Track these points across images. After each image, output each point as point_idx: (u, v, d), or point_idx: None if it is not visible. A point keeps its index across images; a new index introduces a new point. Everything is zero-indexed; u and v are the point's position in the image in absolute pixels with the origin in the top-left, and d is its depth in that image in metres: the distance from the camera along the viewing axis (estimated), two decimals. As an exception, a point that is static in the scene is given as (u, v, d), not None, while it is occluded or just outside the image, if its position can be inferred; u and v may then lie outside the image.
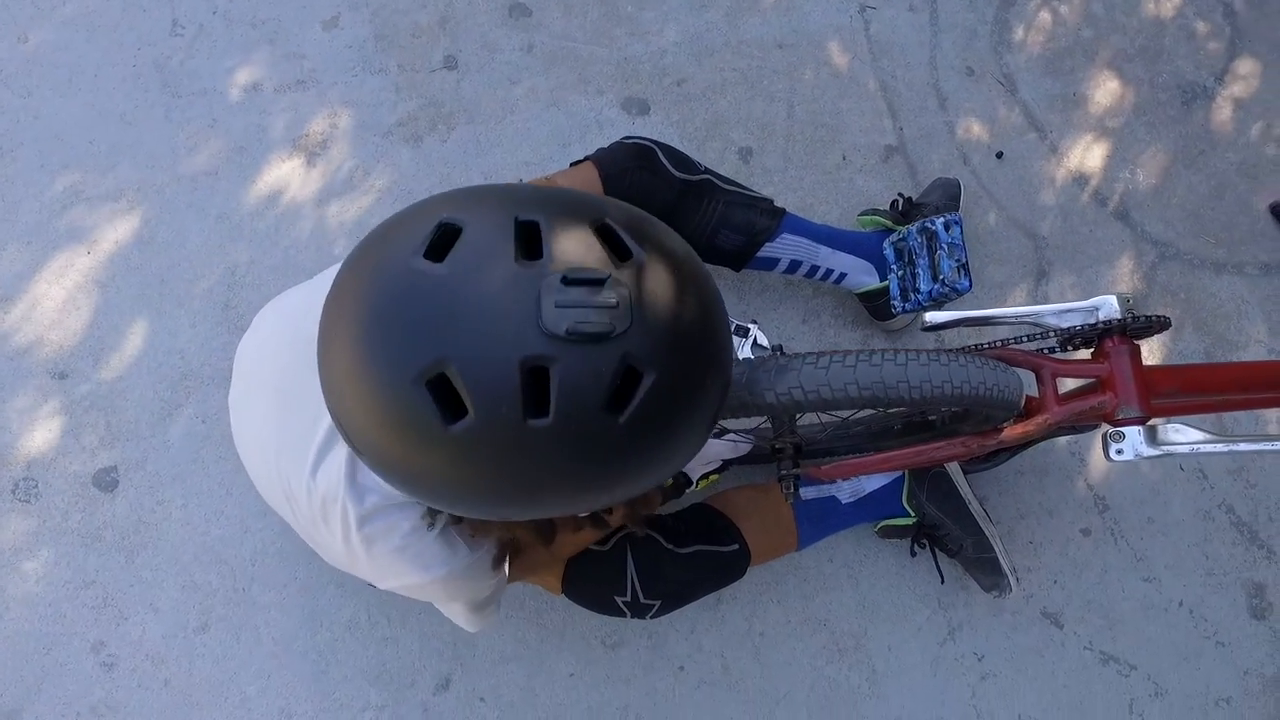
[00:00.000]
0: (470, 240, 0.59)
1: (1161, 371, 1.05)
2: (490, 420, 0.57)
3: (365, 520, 0.79)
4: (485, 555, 0.88)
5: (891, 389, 0.86)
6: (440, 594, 0.89)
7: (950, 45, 1.72)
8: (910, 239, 1.12)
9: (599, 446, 0.61)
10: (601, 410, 0.58)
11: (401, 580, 0.85)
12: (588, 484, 0.64)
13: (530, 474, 0.61)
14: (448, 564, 0.83)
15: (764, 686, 1.39)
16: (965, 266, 1.07)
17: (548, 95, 1.66)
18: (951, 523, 1.33)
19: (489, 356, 0.56)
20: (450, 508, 0.67)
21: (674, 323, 0.62)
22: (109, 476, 1.44)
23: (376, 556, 0.82)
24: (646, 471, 0.66)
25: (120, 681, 1.36)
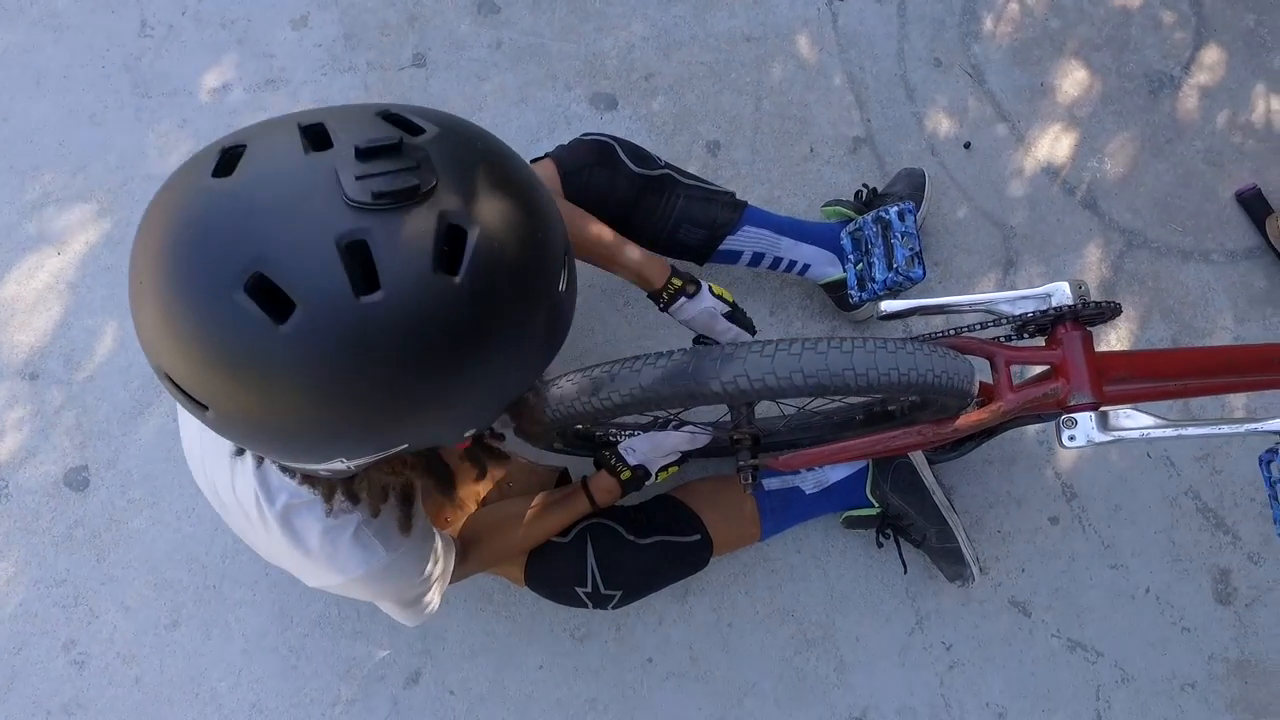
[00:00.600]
0: (256, 152, 0.59)
1: (1113, 357, 1.06)
2: (320, 307, 0.55)
3: (282, 521, 0.80)
4: (404, 555, 0.88)
5: (837, 376, 0.86)
6: (361, 593, 0.90)
7: (918, 37, 1.72)
8: (866, 228, 1.13)
9: (442, 312, 0.57)
10: (433, 273, 0.56)
11: (321, 580, 0.85)
12: (443, 368, 0.59)
13: (381, 366, 0.57)
14: (365, 565, 0.84)
15: (732, 677, 1.40)
16: (919, 255, 1.08)
17: (516, 91, 1.66)
18: (915, 513, 1.34)
19: (302, 242, 0.55)
20: (316, 442, 0.62)
21: (485, 177, 0.61)
22: (80, 476, 1.45)
23: (298, 557, 0.83)
24: (502, 352, 0.63)
25: (91, 680, 1.37)
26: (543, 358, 0.70)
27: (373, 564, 0.85)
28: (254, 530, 0.84)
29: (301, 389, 0.57)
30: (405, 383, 0.59)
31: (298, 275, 0.55)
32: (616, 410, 0.92)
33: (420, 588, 0.96)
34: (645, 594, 1.23)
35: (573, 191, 1.26)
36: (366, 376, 0.58)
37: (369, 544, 0.84)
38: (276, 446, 0.64)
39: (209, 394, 0.59)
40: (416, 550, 0.91)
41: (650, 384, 0.88)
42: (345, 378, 0.57)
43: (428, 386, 0.61)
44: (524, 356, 0.67)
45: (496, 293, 0.61)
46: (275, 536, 0.82)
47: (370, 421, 0.61)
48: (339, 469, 0.67)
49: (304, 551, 0.83)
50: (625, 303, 1.55)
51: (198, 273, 0.56)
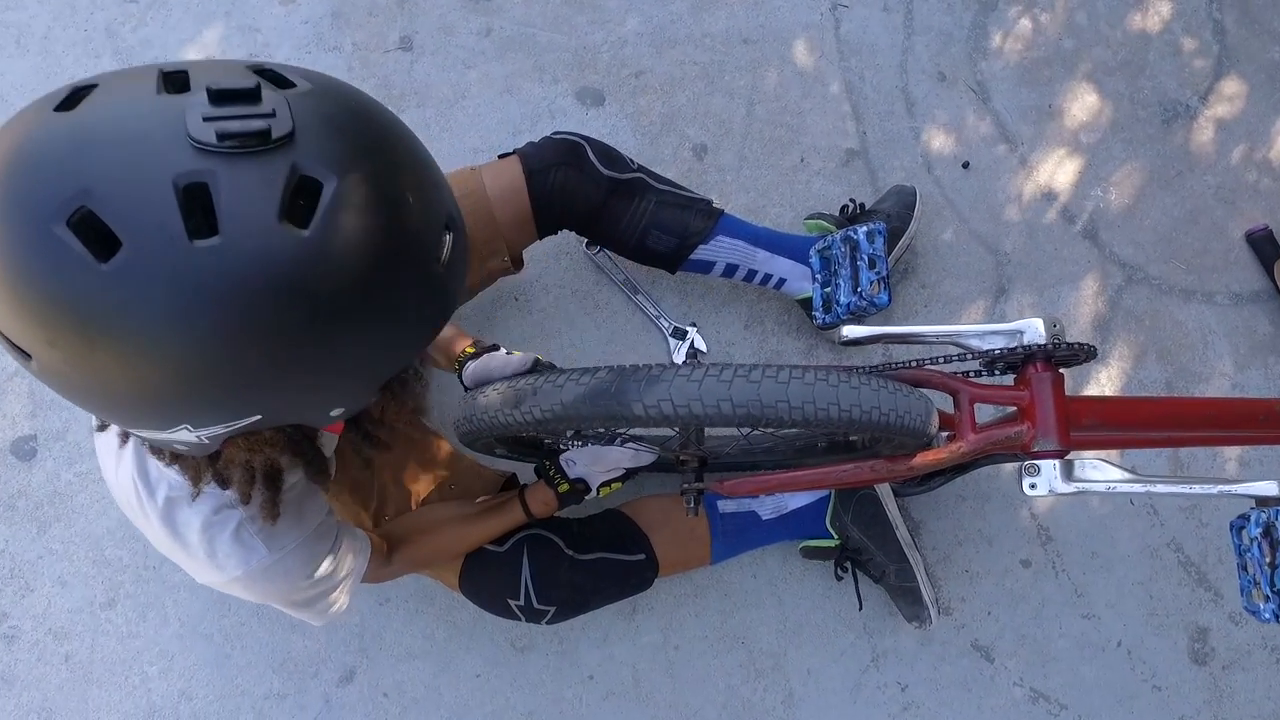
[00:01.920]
0: (106, 90, 0.55)
1: (1084, 402, 0.99)
2: (149, 246, 0.51)
3: (163, 515, 0.77)
4: (289, 556, 0.84)
5: (770, 409, 0.81)
6: (245, 594, 0.86)
7: (923, 49, 1.66)
8: (834, 247, 1.07)
9: (287, 267, 0.53)
10: (278, 222, 0.52)
11: (204, 577, 0.82)
12: (287, 330, 0.55)
13: (215, 317, 0.53)
14: (244, 564, 0.80)
15: (674, 701, 1.35)
16: (885, 280, 1.02)
17: (502, 82, 1.62)
18: (875, 548, 1.28)
19: (135, 179, 0.51)
20: (150, 402, 0.57)
21: (354, 136, 0.58)
22: (28, 445, 1.43)
23: (179, 550, 0.79)
24: (361, 323, 0.58)
25: (20, 655, 1.35)
26: (415, 336, 0.65)
27: (252, 564, 0.81)
28: (140, 520, 0.81)
29: (126, 337, 0.53)
30: (244, 341, 0.54)
31: (128, 212, 0.51)
32: (538, 426, 0.87)
33: (310, 590, 0.91)
34: (582, 611, 1.18)
35: (538, 191, 1.22)
36: (198, 329, 0.53)
37: (250, 543, 0.80)
38: (110, 406, 0.59)
39: (29, 340, 0.54)
40: (304, 551, 0.87)
41: (571, 401, 0.84)
42: (174, 328, 0.53)
43: (271, 350, 0.56)
44: (390, 332, 0.62)
45: (353, 254, 0.56)
46: (156, 529, 0.79)
47: (207, 384, 0.56)
48: (190, 441, 0.62)
49: (183, 546, 0.79)
50: (595, 306, 1.50)
51: (19, 203, 0.52)
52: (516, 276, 1.47)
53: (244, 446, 0.66)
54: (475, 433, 0.97)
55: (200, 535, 0.79)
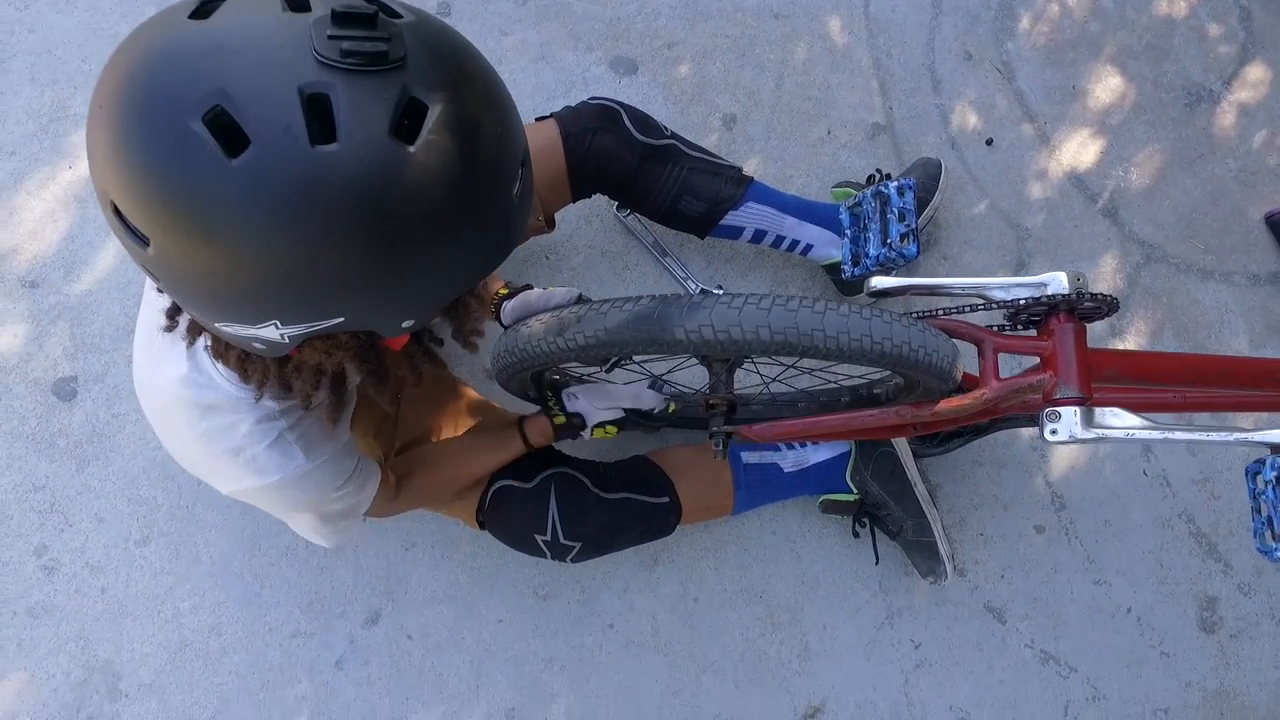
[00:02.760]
0: (235, 2, 0.59)
1: (1105, 354, 1.02)
2: (275, 147, 0.55)
3: (204, 414, 0.80)
4: (323, 466, 0.88)
5: (805, 336, 0.84)
6: (276, 501, 0.89)
7: (950, 28, 1.69)
8: (865, 203, 1.10)
9: (394, 177, 0.58)
10: (389, 136, 0.57)
11: (238, 484, 0.85)
12: (387, 236, 0.59)
13: (326, 217, 0.57)
14: (281, 470, 0.84)
15: (693, 652, 1.38)
16: (914, 232, 1.05)
17: (537, 49, 1.65)
18: (894, 503, 1.31)
19: (265, 84, 0.55)
20: (251, 295, 0.60)
21: (455, 67, 0.63)
22: (69, 386, 1.47)
23: (213, 456, 0.83)
24: (448, 238, 0.62)
25: (59, 586, 1.38)
26: (486, 259, 0.69)
27: (288, 470, 0.84)
28: (173, 426, 0.83)
29: (244, 229, 0.57)
30: (348, 242, 0.59)
31: (258, 114, 0.55)
32: (582, 352, 0.90)
33: (335, 504, 0.95)
34: (606, 551, 1.21)
35: (574, 154, 1.25)
36: (309, 227, 0.57)
37: (289, 450, 0.84)
38: (210, 298, 0.62)
39: (151, 226, 0.58)
40: (336, 464, 0.91)
41: (615, 326, 0.87)
42: (289, 223, 0.57)
43: (369, 253, 0.60)
44: (468, 250, 0.66)
45: (449, 173, 0.60)
46: (196, 432, 0.82)
47: (307, 280, 0.60)
48: (272, 339, 0.65)
49: (221, 450, 0.82)
50: (624, 267, 1.53)
51: (157, 98, 0.56)
52: (548, 236, 1.51)
53: (320, 349, 0.70)
54: (515, 365, 1.00)
55: (245, 439, 0.82)
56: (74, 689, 1.34)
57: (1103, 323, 1.54)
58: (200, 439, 0.83)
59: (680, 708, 1.35)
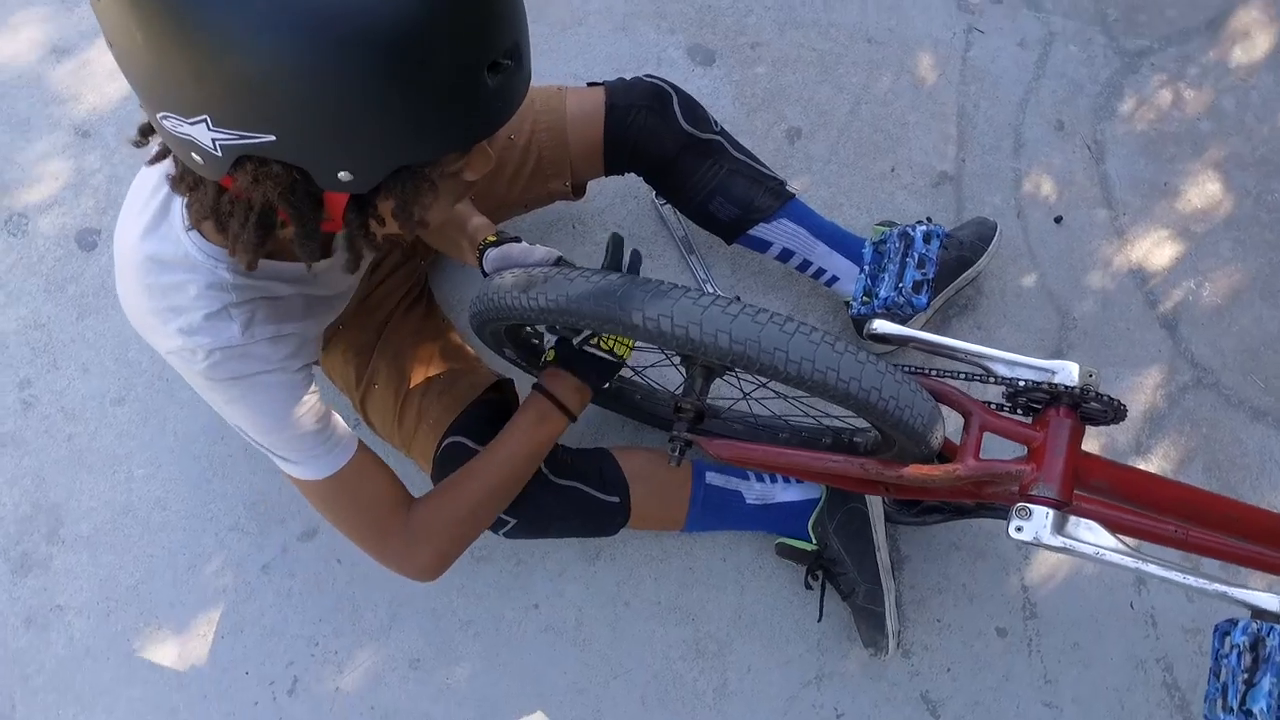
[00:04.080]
0: None
1: (1099, 462, 0.94)
2: None
3: (160, 269, 0.80)
4: (263, 357, 0.86)
5: (766, 354, 0.79)
6: (211, 384, 0.86)
7: (1049, 93, 1.59)
8: (890, 241, 1.04)
9: (374, 6, 0.58)
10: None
11: (170, 343, 0.82)
12: (347, 61, 0.59)
13: (289, 21, 0.57)
14: (213, 339, 0.82)
15: (609, 655, 1.33)
16: (929, 283, 0.98)
17: (621, 19, 1.62)
18: (851, 564, 1.24)
19: None
20: (185, 67, 0.60)
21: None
22: (91, 238, 1.50)
23: (156, 312, 0.82)
24: (405, 76, 0.61)
25: (31, 423, 1.42)
26: (440, 134, 0.66)
27: (220, 340, 0.81)
28: (129, 277, 0.83)
29: (206, 13, 0.57)
30: (298, 52, 0.58)
31: None
32: (542, 314, 0.87)
33: (276, 434, 0.89)
34: (541, 535, 1.17)
35: (614, 127, 1.21)
36: (269, 27, 0.57)
37: (227, 322, 0.82)
38: (151, 77, 0.62)
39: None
40: (284, 372, 0.88)
41: (576, 296, 0.83)
42: (248, 18, 0.57)
43: (318, 73, 0.59)
44: (420, 112, 0.63)
45: (429, 21, 0.60)
46: (145, 283, 0.81)
47: (241, 69, 0.59)
48: (205, 145, 0.64)
49: (163, 306, 0.81)
50: (647, 254, 1.49)
51: None
52: (578, 204, 1.48)
53: (251, 174, 0.67)
54: (484, 314, 0.97)
55: (190, 300, 0.81)
56: (18, 522, 1.37)
57: (1129, 437, 1.43)
58: (147, 290, 0.82)
59: (581, 707, 1.31)
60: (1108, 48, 1.62)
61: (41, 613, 1.33)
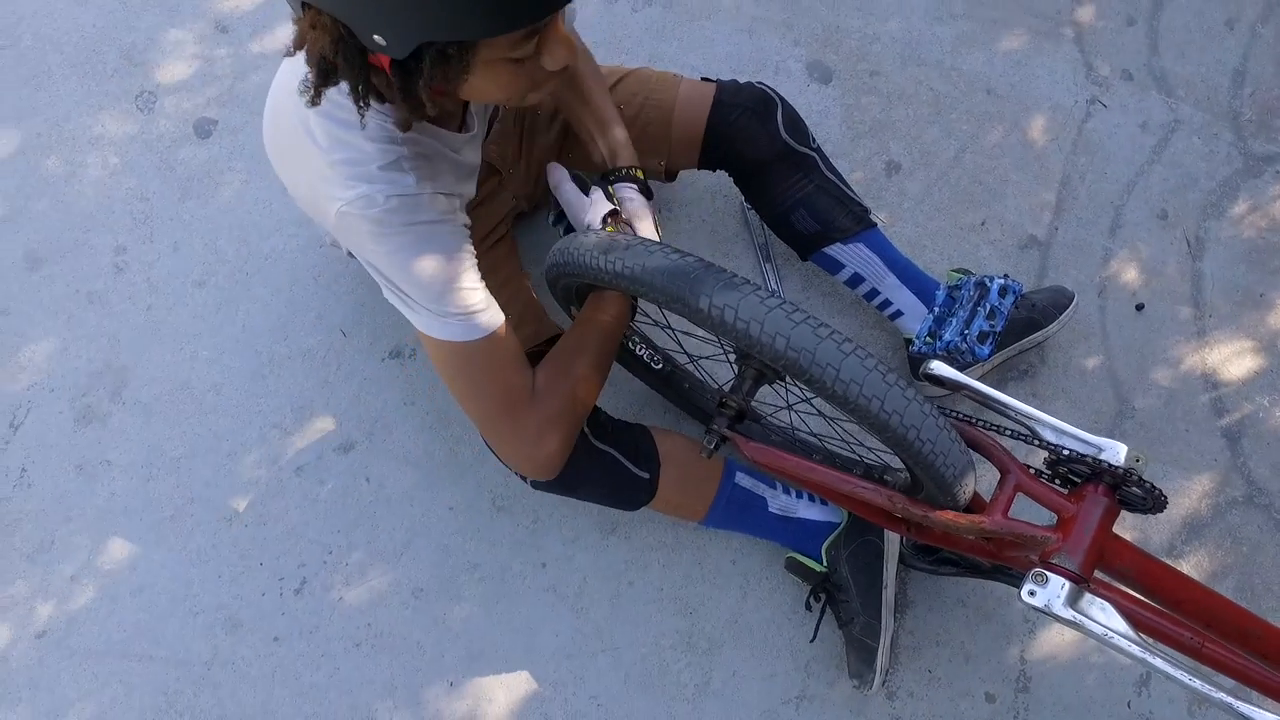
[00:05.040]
0: None
1: (1127, 547, 0.93)
2: None
3: (339, 126, 0.87)
4: (434, 205, 0.92)
5: (818, 366, 0.80)
6: (380, 224, 0.88)
7: (1159, 180, 1.56)
8: (965, 288, 1.04)
9: None
10: None
11: (348, 192, 0.87)
12: None
13: None
14: (391, 186, 0.87)
15: (603, 628, 1.36)
16: (995, 335, 0.98)
17: (749, 20, 1.64)
18: (856, 594, 1.24)
19: None
20: None
21: None
22: (208, 126, 1.58)
23: (334, 165, 0.87)
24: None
25: (119, 287, 1.50)
26: (474, 14, 0.69)
27: (398, 187, 0.87)
28: (302, 139, 0.88)
29: None
30: None
31: None
32: (614, 279, 0.90)
33: (440, 287, 0.92)
34: (568, 493, 1.19)
35: (717, 123, 1.25)
36: None
37: (402, 172, 0.88)
38: None
39: None
40: (448, 219, 0.93)
41: (651, 269, 0.86)
42: None
43: None
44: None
45: None
46: (325, 142, 0.87)
47: None
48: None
49: (340, 160, 0.86)
50: (723, 254, 1.51)
51: None
52: (668, 189, 1.50)
53: (309, 20, 0.73)
54: (561, 266, 1.00)
55: (365, 154, 0.87)
56: (90, 376, 1.45)
57: (1164, 537, 1.41)
58: (324, 145, 0.87)
59: (566, 671, 1.34)
60: (1233, 146, 1.59)
61: (92, 463, 1.41)
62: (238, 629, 1.35)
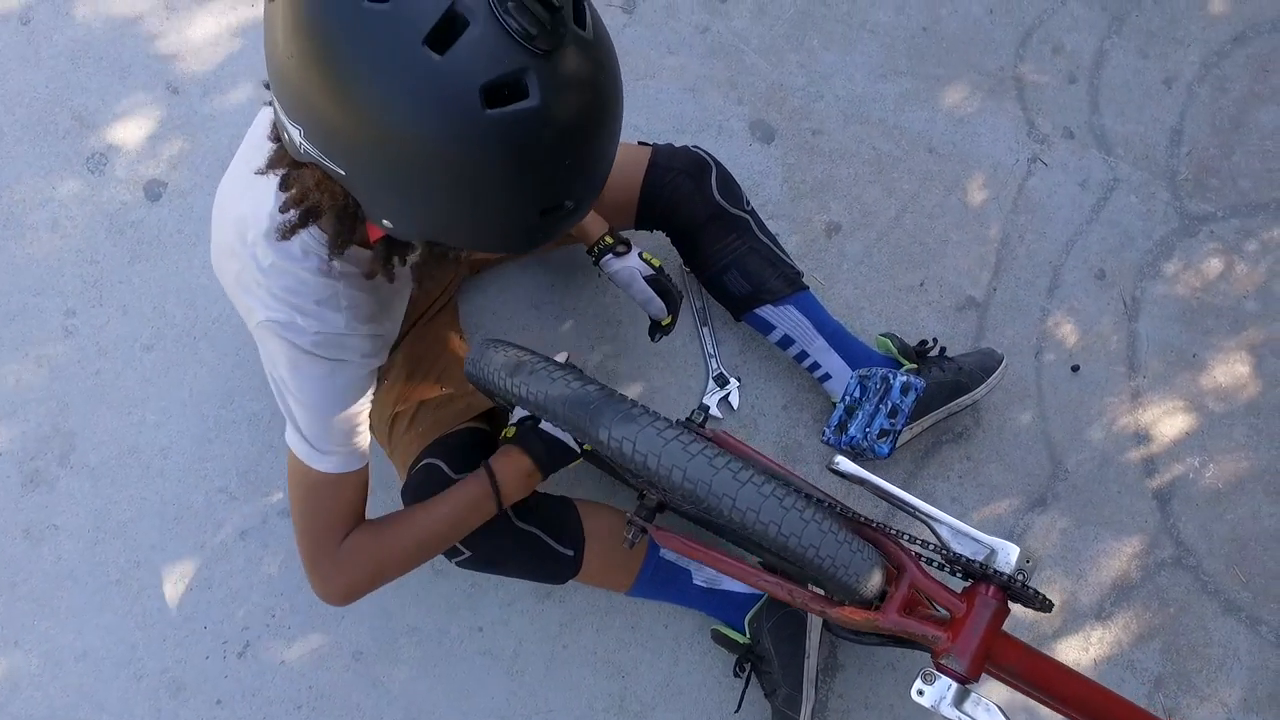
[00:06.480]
0: None
1: (1013, 645, 0.95)
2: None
3: (280, 250, 0.87)
4: (356, 347, 0.93)
5: (714, 497, 0.83)
6: (289, 362, 0.91)
7: (1098, 240, 1.58)
8: (873, 379, 1.06)
9: (471, 127, 0.64)
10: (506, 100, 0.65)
11: (270, 314, 0.89)
12: (421, 148, 0.65)
13: (409, 95, 0.63)
14: (320, 326, 0.89)
15: (538, 692, 1.39)
16: (895, 434, 1.00)
17: (692, 80, 1.65)
18: (778, 665, 1.27)
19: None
20: (303, 88, 0.66)
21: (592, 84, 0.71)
22: (158, 189, 1.60)
23: (267, 288, 0.88)
24: (470, 192, 0.68)
25: (69, 349, 1.52)
26: (477, 237, 0.73)
27: (328, 326, 0.89)
28: (243, 246, 0.89)
29: (346, 59, 0.64)
30: (399, 120, 0.64)
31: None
32: (518, 402, 0.92)
33: (322, 417, 0.95)
34: (493, 571, 1.22)
35: (651, 185, 1.28)
36: (386, 85, 0.63)
37: (334, 313, 0.90)
38: (279, 75, 0.69)
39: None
40: (359, 369, 0.95)
41: (553, 397, 0.88)
42: (369, 73, 0.64)
43: (400, 144, 0.65)
44: (470, 217, 0.70)
45: (508, 153, 0.66)
46: (266, 262, 0.87)
47: (343, 115, 0.66)
48: (294, 141, 0.71)
49: (278, 287, 0.88)
50: (661, 317, 1.53)
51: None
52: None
53: (313, 178, 0.75)
54: (474, 376, 1.03)
55: (305, 283, 0.88)
56: (38, 440, 1.48)
57: (1093, 599, 1.43)
58: (266, 269, 0.88)
59: (502, 733, 1.37)
60: (1170, 205, 1.60)
61: (39, 528, 1.44)
62: (181, 692, 1.38)
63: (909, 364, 1.33)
